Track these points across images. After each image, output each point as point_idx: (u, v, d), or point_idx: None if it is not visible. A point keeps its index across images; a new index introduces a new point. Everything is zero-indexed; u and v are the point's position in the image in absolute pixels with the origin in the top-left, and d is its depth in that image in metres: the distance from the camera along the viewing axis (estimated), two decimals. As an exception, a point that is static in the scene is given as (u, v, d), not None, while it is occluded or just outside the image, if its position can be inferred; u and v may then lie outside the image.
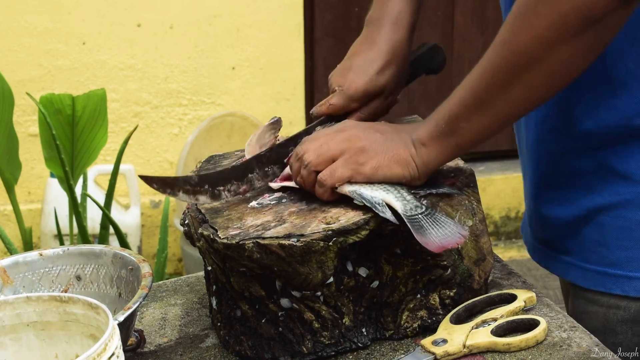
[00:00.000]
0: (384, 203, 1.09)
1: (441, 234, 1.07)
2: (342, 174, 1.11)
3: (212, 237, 1.08)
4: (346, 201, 1.12)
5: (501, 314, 1.14)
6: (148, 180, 1.16)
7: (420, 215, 1.08)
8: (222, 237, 1.07)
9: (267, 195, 1.18)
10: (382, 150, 1.12)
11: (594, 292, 1.22)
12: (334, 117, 1.26)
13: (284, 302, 1.10)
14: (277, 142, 1.24)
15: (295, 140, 1.23)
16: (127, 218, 3.28)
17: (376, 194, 1.10)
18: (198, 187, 1.16)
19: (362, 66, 1.26)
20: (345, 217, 1.08)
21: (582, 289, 1.25)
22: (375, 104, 1.26)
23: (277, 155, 1.20)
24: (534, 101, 1.10)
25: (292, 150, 1.20)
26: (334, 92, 1.26)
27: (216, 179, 1.17)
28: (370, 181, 1.11)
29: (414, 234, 1.06)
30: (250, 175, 1.19)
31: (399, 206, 1.09)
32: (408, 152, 1.11)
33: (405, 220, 1.07)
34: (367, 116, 1.26)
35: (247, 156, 1.23)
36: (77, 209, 2.49)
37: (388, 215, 1.07)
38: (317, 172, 1.12)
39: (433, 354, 1.08)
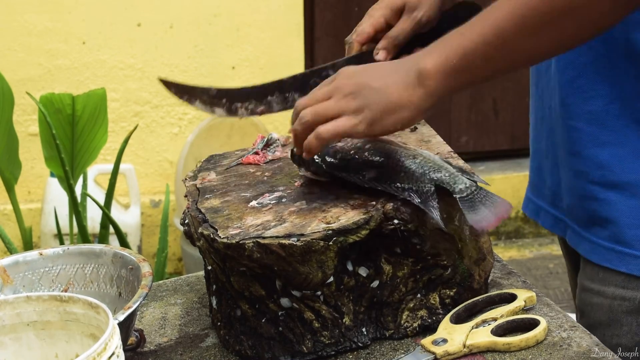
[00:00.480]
0: (434, 192, 1.08)
1: (490, 212, 1.06)
2: (343, 130, 1.08)
3: (212, 236, 1.08)
4: (346, 200, 1.12)
5: (501, 313, 1.14)
6: (167, 84, 1.16)
7: (473, 194, 1.07)
8: (222, 237, 1.07)
9: (267, 194, 1.18)
10: (376, 102, 1.08)
11: (600, 284, 1.22)
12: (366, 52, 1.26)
13: (284, 301, 1.10)
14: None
15: (319, 73, 1.23)
16: (127, 217, 3.28)
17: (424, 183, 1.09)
18: (216, 99, 1.16)
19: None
20: (345, 217, 1.08)
21: (587, 277, 1.25)
22: (401, 24, 1.24)
23: (300, 83, 1.20)
24: (559, 48, 1.09)
25: (315, 81, 1.19)
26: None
27: (235, 95, 1.17)
28: (369, 136, 1.10)
29: (467, 215, 1.06)
30: (269, 97, 1.19)
31: (453, 187, 1.08)
32: (406, 93, 1.07)
33: (459, 201, 1.07)
34: (395, 37, 1.24)
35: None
36: (77, 209, 2.49)
37: (435, 215, 1.07)
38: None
39: (433, 353, 1.08)
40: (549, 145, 1.32)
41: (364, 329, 1.14)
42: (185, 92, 1.16)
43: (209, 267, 1.16)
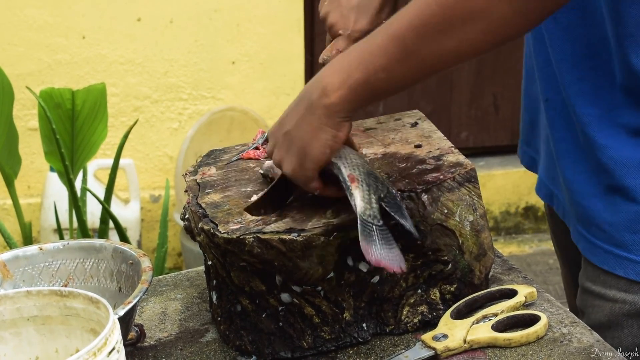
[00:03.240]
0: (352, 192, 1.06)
1: (384, 253, 1.02)
2: (289, 176, 1.09)
3: (212, 231, 1.08)
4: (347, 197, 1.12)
5: (502, 309, 1.14)
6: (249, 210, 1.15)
7: (373, 225, 1.04)
8: (222, 232, 1.07)
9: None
10: (295, 142, 1.07)
11: (601, 286, 1.22)
12: None
13: (285, 296, 1.10)
14: None
15: None
16: (126, 212, 3.27)
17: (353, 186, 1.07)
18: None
19: (363, 6, 1.24)
20: (346, 212, 1.08)
21: (589, 278, 1.25)
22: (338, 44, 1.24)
23: None
24: (464, 56, 1.03)
25: None
26: (337, 36, 1.25)
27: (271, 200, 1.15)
28: (307, 174, 1.08)
29: (360, 237, 1.03)
30: None
31: (359, 205, 1.05)
32: (314, 117, 1.05)
33: (359, 220, 1.04)
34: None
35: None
36: (76, 203, 2.49)
37: (353, 204, 1.04)
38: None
39: (434, 349, 1.08)
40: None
41: (364, 325, 1.14)
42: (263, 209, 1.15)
43: (209, 262, 1.16)
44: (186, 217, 1.20)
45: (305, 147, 1.06)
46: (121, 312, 1.00)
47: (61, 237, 2.67)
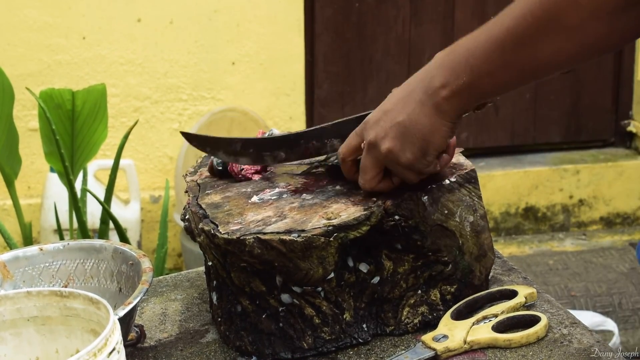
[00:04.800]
0: None
1: None
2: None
3: (212, 232, 1.08)
4: (347, 196, 1.12)
5: (502, 310, 1.14)
6: (188, 137, 1.18)
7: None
8: (222, 232, 1.07)
9: (267, 190, 1.18)
10: (413, 134, 1.09)
11: None
12: None
13: (285, 297, 1.10)
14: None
15: (359, 119, 1.23)
16: (127, 213, 3.27)
17: None
18: (241, 150, 1.17)
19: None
20: (346, 213, 1.08)
21: None
22: None
23: (339, 129, 1.21)
24: (563, 65, 1.06)
25: (354, 127, 1.21)
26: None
27: (263, 144, 1.18)
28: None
29: None
30: (305, 144, 1.21)
31: None
32: (433, 112, 1.08)
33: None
34: None
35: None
36: (77, 204, 2.49)
37: None
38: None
39: (434, 349, 1.08)
40: None
41: (364, 325, 1.14)
42: (207, 144, 1.17)
43: (210, 263, 1.16)
44: (186, 217, 1.20)
45: (426, 137, 1.09)
46: (121, 313, 1.00)
47: (61, 238, 2.67)
